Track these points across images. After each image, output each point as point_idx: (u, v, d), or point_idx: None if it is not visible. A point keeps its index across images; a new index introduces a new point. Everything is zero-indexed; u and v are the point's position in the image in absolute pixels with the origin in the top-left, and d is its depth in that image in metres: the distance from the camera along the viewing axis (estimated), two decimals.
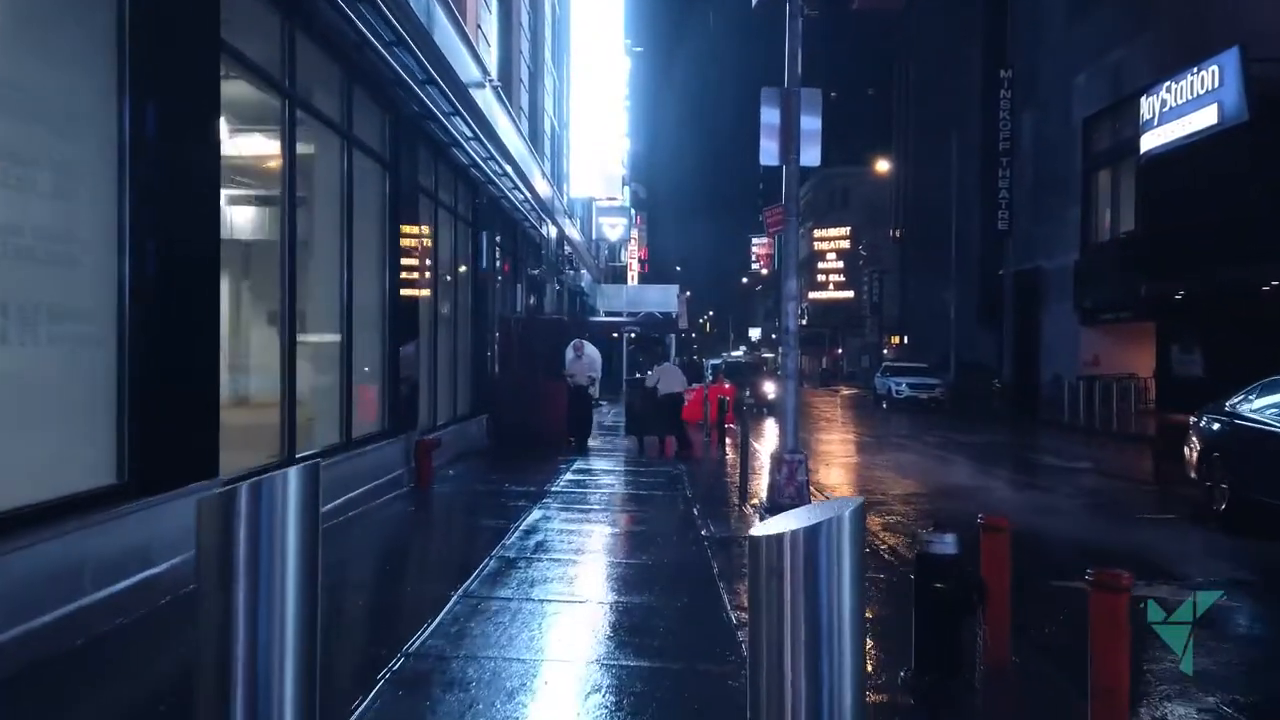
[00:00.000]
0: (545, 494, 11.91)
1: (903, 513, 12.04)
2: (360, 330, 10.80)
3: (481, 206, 17.36)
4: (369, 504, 10.39)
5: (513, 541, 8.83)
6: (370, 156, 11.26)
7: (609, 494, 12.22)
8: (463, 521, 10.58)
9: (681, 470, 14.98)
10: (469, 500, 11.87)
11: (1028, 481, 15.57)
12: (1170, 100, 26.18)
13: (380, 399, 11.78)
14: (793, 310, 11.39)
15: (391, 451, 11.62)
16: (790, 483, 11.14)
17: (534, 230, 23.88)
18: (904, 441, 21.92)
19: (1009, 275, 40.17)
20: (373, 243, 11.62)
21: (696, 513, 10.91)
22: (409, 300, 12.50)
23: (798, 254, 11.34)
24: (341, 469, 9.90)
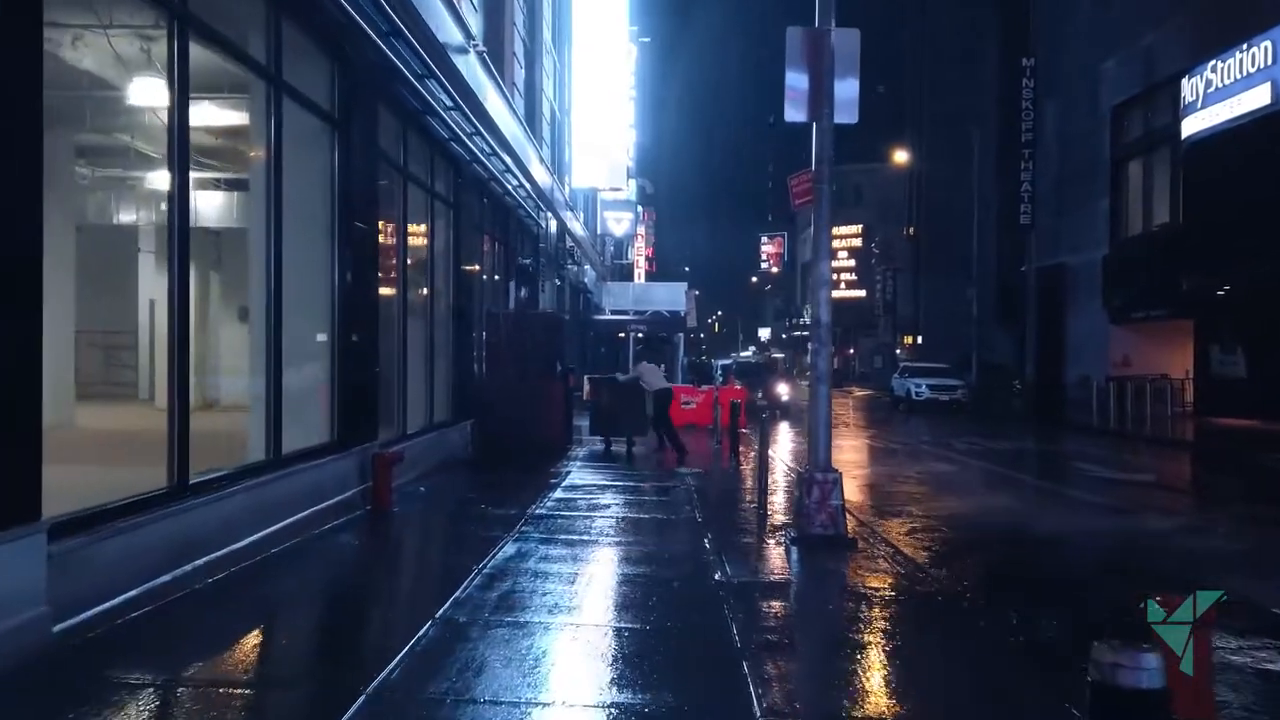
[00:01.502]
0: (526, 519, 9.74)
1: (979, 559, 9.84)
2: (294, 322, 8.65)
3: (465, 187, 15.22)
4: (303, 536, 8.25)
5: (469, 594, 6.66)
6: (310, 110, 9.12)
7: (603, 519, 10.03)
8: (414, 561, 8.41)
9: (690, 485, 12.81)
10: (431, 528, 9.71)
11: (1102, 503, 13.33)
12: (1216, 81, 23.93)
13: (328, 405, 9.63)
14: (825, 298, 9.20)
15: (340, 469, 9.47)
16: (822, 508, 8.96)
17: (530, 220, 21.74)
18: (932, 449, 19.70)
19: (1031, 272, 37.85)
20: (313, 215, 9.48)
21: (709, 545, 8.73)
22: (365, 288, 10.35)
23: (830, 230, 9.17)
24: (264, 494, 7.77)
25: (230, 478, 7.29)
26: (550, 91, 26.02)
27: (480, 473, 13.70)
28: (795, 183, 10.09)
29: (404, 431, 11.98)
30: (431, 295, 13.38)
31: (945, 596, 7.24)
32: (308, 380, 9.36)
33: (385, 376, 11.86)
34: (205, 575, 6.64)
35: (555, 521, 9.69)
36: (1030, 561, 9.19)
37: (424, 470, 12.36)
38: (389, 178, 11.71)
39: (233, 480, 7.30)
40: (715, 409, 19.42)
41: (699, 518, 10.25)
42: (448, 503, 11.03)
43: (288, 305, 8.40)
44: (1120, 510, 12.42)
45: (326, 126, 9.54)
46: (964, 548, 9.63)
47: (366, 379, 10.34)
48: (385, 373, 11.86)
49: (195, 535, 6.64)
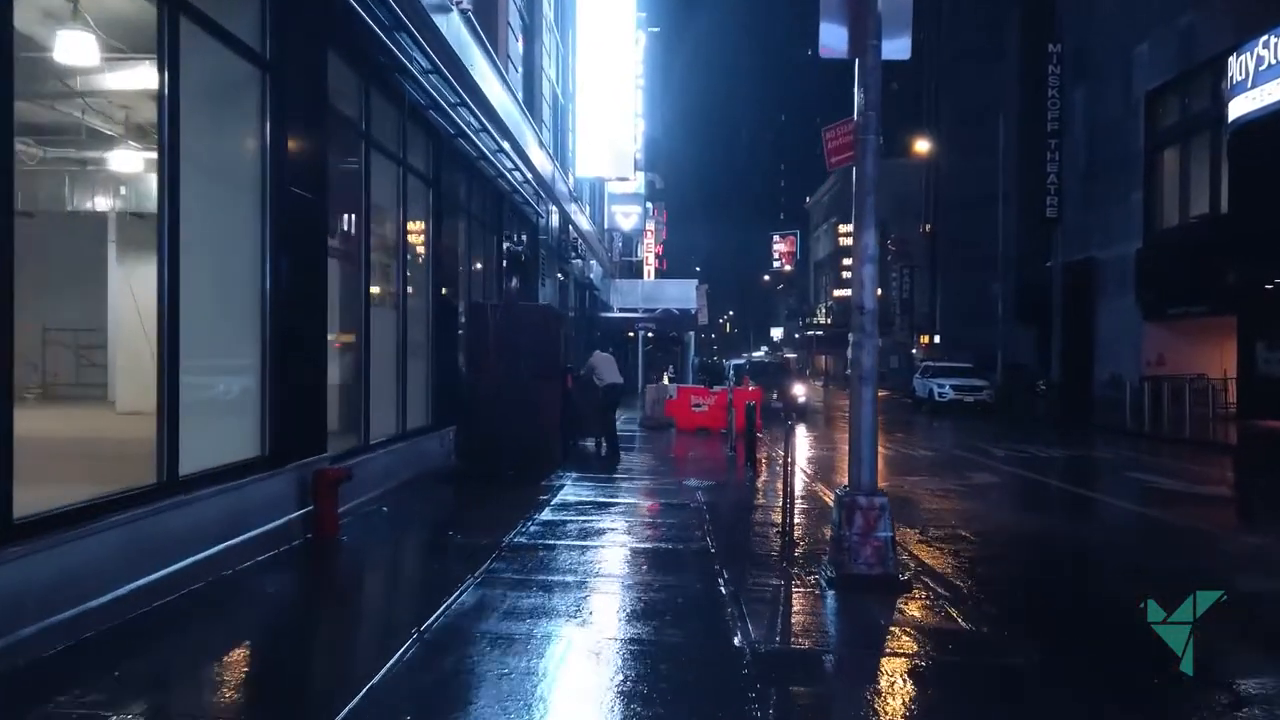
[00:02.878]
0: (501, 552, 7.85)
1: (1076, 610, 7.91)
2: (199, 310, 6.78)
3: (448, 164, 13.33)
4: (206, 580, 6.38)
5: (395, 675, 4.78)
6: (229, 46, 7.24)
7: (594, 551, 8.12)
8: (337, 618, 6.44)
9: (701, 502, 10.90)
10: (378, 566, 7.81)
11: (1186, 524, 11.38)
12: (1269, 57, 21.87)
13: (257, 413, 7.74)
14: (869, 278, 7.26)
15: (271, 491, 7.59)
16: (867, 542, 7.04)
17: (529, 208, 19.84)
18: (968, 456, 17.72)
19: (1058, 267, 35.80)
20: (232, 180, 7.61)
21: (725, 590, 6.82)
22: (309, 271, 8.47)
23: (874, 194, 7.23)
24: (148, 529, 5.91)
25: (81, 513, 5.41)
26: (553, 73, 24.14)
27: (459, 488, 11.83)
28: (831, 136, 8.19)
29: (366, 441, 10.08)
30: (403, 284, 11.48)
31: (1045, 676, 5.31)
32: (223, 383, 7.48)
33: (343, 378, 9.98)
34: (38, 645, 4.79)
35: (535, 556, 7.78)
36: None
37: (393, 485, 10.48)
38: (345, 142, 9.82)
39: (91, 515, 5.43)
40: (730, 412, 17.48)
41: (712, 547, 8.33)
42: (410, 529, 9.14)
43: (189, 289, 6.52)
44: (1212, 534, 10.44)
45: (254, 70, 7.65)
46: (1048, 589, 7.68)
47: (310, 381, 8.45)
48: (342, 373, 9.98)
49: (22, 590, 4.80)
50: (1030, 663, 5.50)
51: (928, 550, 8.78)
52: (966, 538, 9.53)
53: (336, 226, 9.81)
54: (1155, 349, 30.17)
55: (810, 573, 7.39)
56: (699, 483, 12.63)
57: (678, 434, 20.18)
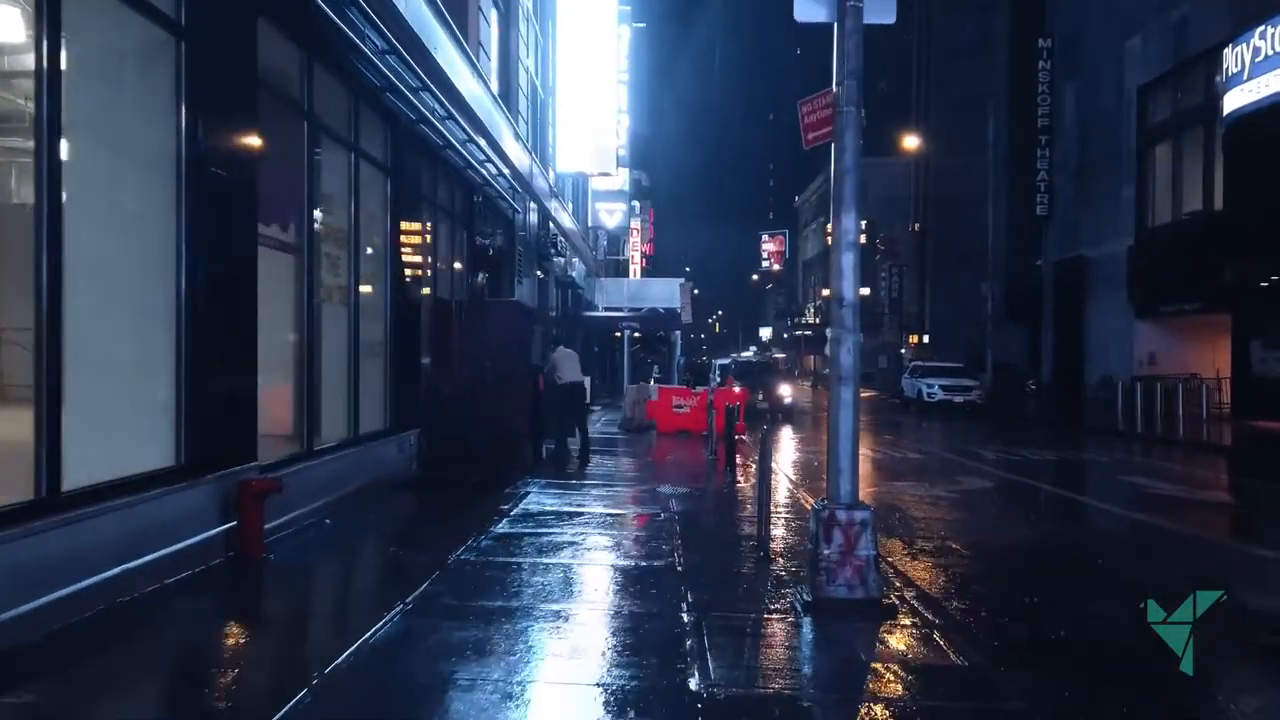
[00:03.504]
0: (444, 572, 7.04)
1: (1082, 640, 7.13)
2: (89, 303, 5.96)
3: (409, 151, 12.51)
4: (102, 606, 5.57)
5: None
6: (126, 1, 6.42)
7: (549, 570, 7.30)
8: (227, 658, 5.56)
9: (674, 512, 10.10)
10: (302, 590, 6.94)
11: (1196, 534, 10.63)
12: (1265, 48, 21.16)
13: (173, 418, 6.92)
14: (849, 267, 6.46)
15: (185, 504, 6.77)
16: (847, 561, 6.26)
17: (504, 202, 19.02)
18: (957, 459, 16.95)
19: (1048, 265, 35.17)
20: (130, 153, 6.78)
21: (689, 617, 6.01)
22: (234, 260, 7.65)
23: (858, 173, 6.44)
24: (27, 550, 5.10)
25: None
26: (531, 65, 23.31)
27: (417, 497, 11.01)
28: (808, 110, 7.31)
29: (308, 447, 9.25)
30: (355, 278, 10.64)
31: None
32: (125, 387, 6.64)
33: (281, 379, 9.16)
34: None
35: (480, 577, 6.97)
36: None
37: (341, 495, 9.66)
38: (283, 123, 8.99)
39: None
40: (710, 413, 16.69)
41: (680, 565, 7.53)
42: (349, 544, 8.30)
43: (78, 282, 5.70)
44: (1220, 547, 9.69)
45: (166, 37, 6.82)
46: (1048, 612, 6.89)
47: (236, 382, 7.63)
48: (281, 374, 9.15)
49: None
50: (1032, 707, 4.72)
51: (915, 566, 8.00)
52: (957, 551, 8.74)
53: (273, 214, 8.98)
54: (1147, 348, 29.51)
55: (785, 595, 6.59)
56: (674, 489, 11.83)
57: (658, 436, 19.38)
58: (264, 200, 8.34)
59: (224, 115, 7.41)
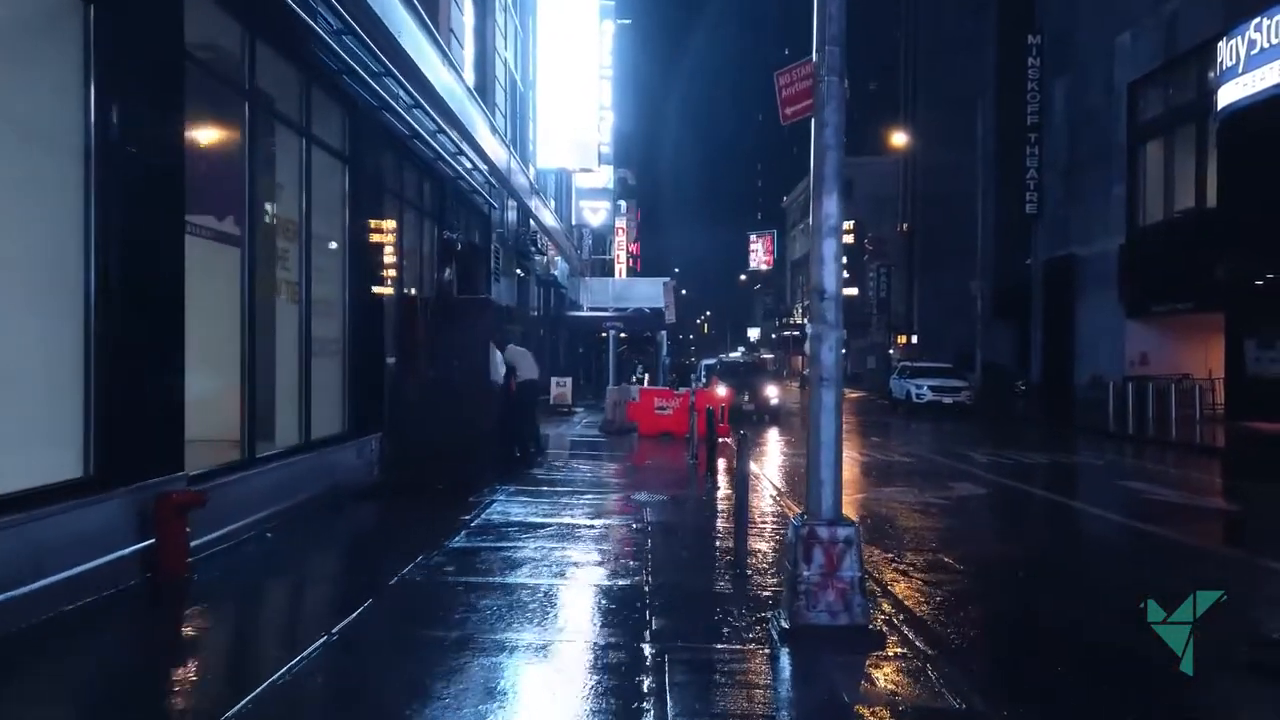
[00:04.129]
0: (384, 595, 6.32)
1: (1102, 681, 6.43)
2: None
3: (370, 140, 11.78)
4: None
5: None
6: None
7: (499, 593, 6.57)
8: (108, 708, 4.85)
9: (648, 522, 9.40)
10: (216, 617, 6.13)
11: (1210, 549, 9.98)
12: (1261, 40, 20.57)
13: (76, 425, 6.18)
14: (831, 255, 5.76)
15: (92, 521, 6.03)
16: (829, 584, 5.58)
17: (479, 197, 18.32)
18: (948, 462, 16.28)
19: (1037, 264, 34.57)
20: (22, 131, 6.04)
21: (649, 650, 5.30)
22: (155, 250, 6.91)
23: (841, 151, 5.74)
24: None
25: None
26: (510, 58, 22.60)
27: (374, 506, 10.28)
28: (786, 81, 6.67)
29: (250, 454, 8.51)
30: (307, 273, 9.90)
31: None
32: (22, 388, 5.90)
33: (220, 381, 8.42)
34: None
35: (423, 602, 6.25)
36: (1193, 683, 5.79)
37: (289, 504, 8.92)
38: (218, 102, 8.26)
39: None
40: (691, 415, 15.99)
41: (648, 584, 6.82)
42: (287, 561, 7.55)
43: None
44: (1231, 560, 9.04)
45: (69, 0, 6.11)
46: (1052, 638, 6.21)
47: (158, 386, 6.89)
48: (219, 376, 8.42)
49: None
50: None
51: (905, 584, 7.31)
52: (950, 566, 8.06)
53: (208, 203, 8.25)
54: (1138, 348, 28.93)
55: (761, 621, 5.90)
56: (650, 497, 11.13)
57: (640, 439, 18.67)
58: (197, 187, 7.62)
59: (144, 92, 6.67)
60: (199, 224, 7.89)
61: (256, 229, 8.70)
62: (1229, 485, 14.56)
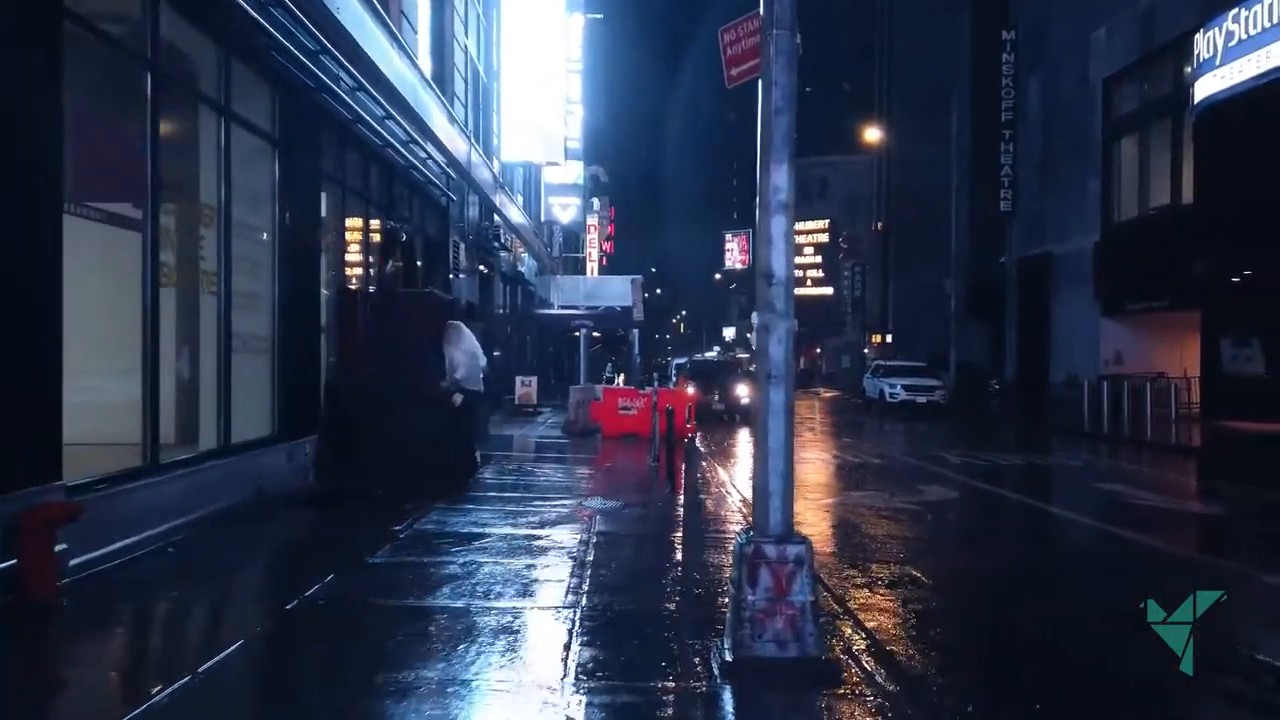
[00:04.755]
0: (271, 625, 5.54)
1: None
2: None
3: (305, 123, 10.94)
4: None
5: None
6: None
7: (410, 620, 5.81)
8: None
9: (597, 533, 8.63)
10: (68, 657, 5.27)
11: (1194, 557, 9.31)
12: (1239, 32, 20.00)
13: None
14: (781, 233, 5.02)
15: None
16: (777, 610, 4.86)
17: (435, 189, 17.51)
18: (920, 464, 15.61)
19: (1012, 262, 34.00)
20: None
21: (570, 691, 4.54)
22: (27, 232, 6.09)
23: (793, 112, 5.01)
24: None
25: None
26: (472, 47, 21.77)
27: (299, 515, 9.44)
28: (731, 39, 5.96)
29: (152, 459, 7.68)
30: (227, 262, 9.07)
31: None
32: None
33: (115, 379, 7.60)
34: None
35: (316, 631, 5.47)
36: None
37: (205, 514, 8.11)
38: (111, 70, 7.44)
39: None
40: (654, 416, 15.24)
41: (581, 607, 6.05)
42: (178, 581, 6.69)
43: None
44: (1224, 572, 8.37)
45: None
46: (1035, 667, 5.51)
47: (30, 384, 6.07)
48: (115, 373, 7.59)
49: None
50: None
51: (868, 603, 6.59)
52: (919, 581, 7.34)
53: (99, 181, 7.43)
54: (1113, 346, 28.44)
55: (702, 652, 5.15)
56: (604, 504, 10.37)
57: (603, 441, 17.89)
58: (84, 166, 6.81)
59: (9, 58, 5.85)
60: (88, 205, 7.07)
61: (161, 213, 7.87)
62: (1207, 487, 13.97)
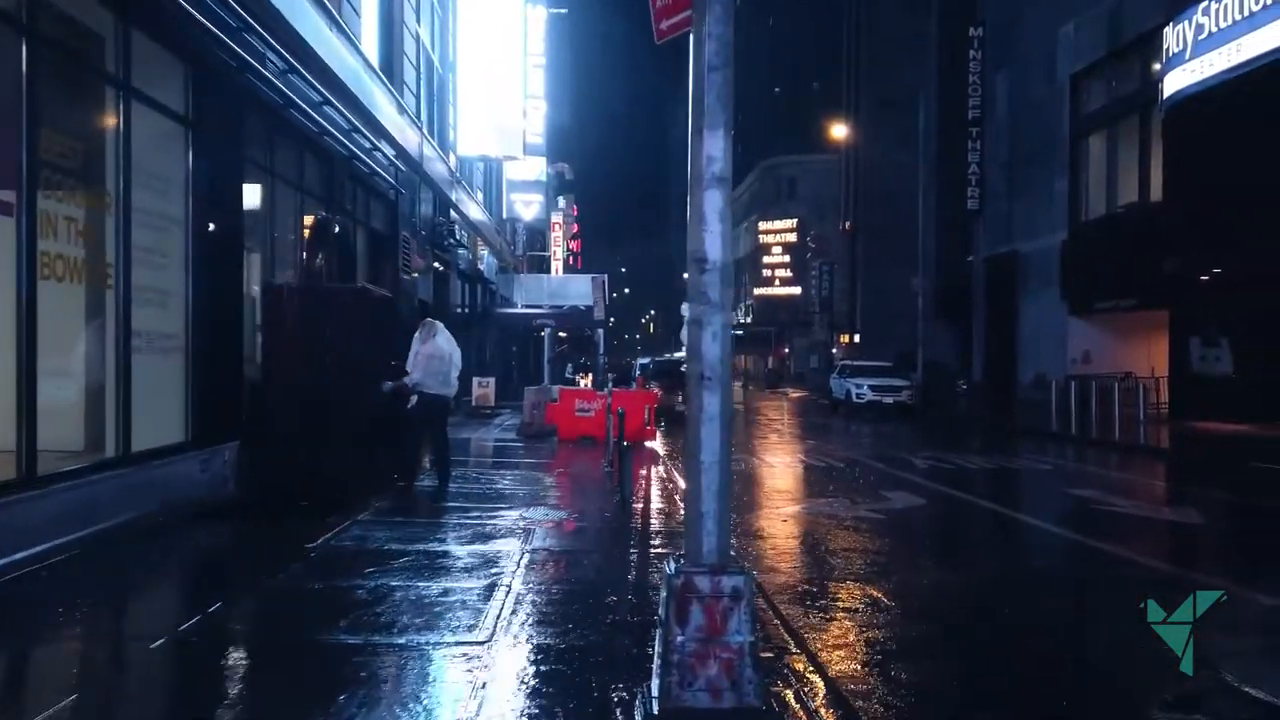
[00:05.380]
0: (121, 669, 4.74)
1: None
2: None
3: (222, 103, 10.06)
4: None
5: None
6: None
7: (305, 654, 5.02)
8: None
9: (533, 551, 7.86)
10: None
11: (1180, 573, 8.66)
12: (1209, 25, 19.57)
13: None
14: (715, 210, 4.26)
15: None
16: (711, 651, 4.14)
17: (381, 179, 16.63)
18: (885, 468, 14.93)
19: (979, 261, 33.54)
20: None
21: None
22: None
23: (730, 64, 4.25)
24: None
25: None
26: (427, 37, 20.90)
27: (205, 531, 8.54)
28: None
29: (30, 471, 6.82)
30: (125, 252, 8.21)
31: None
32: None
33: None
34: None
35: (173, 673, 4.67)
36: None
37: (99, 530, 7.26)
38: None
39: None
40: (609, 419, 14.49)
41: (495, 643, 5.27)
42: (30, 614, 5.81)
43: None
44: (1212, 590, 7.72)
45: None
46: (1010, 711, 4.80)
47: None
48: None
49: None
50: None
51: (823, 633, 5.86)
52: (882, 604, 6.62)
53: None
54: (1081, 346, 28.03)
55: (625, 702, 4.39)
56: (547, 514, 9.61)
57: (559, 444, 17.11)
58: None
59: None
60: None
61: (39, 197, 7.01)
62: (1181, 492, 13.39)
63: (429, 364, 11.25)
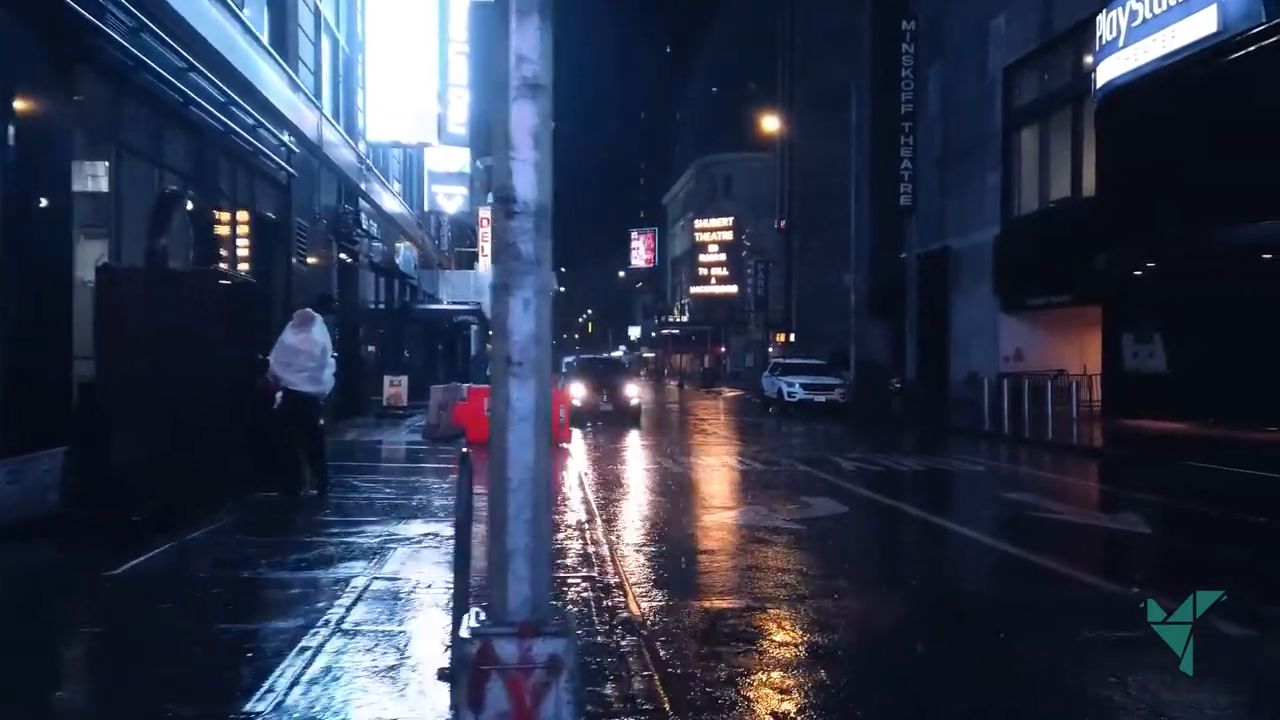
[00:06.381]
0: None
1: None
2: None
3: (41, 55, 8.63)
4: None
5: None
6: None
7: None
8: None
9: (379, 578, 6.61)
10: None
11: (1129, 594, 7.66)
12: (1143, 11, 18.86)
13: None
14: (530, 129, 3.05)
15: None
16: None
17: (267, 160, 15.15)
18: (811, 471, 13.86)
19: (912, 258, 32.84)
20: None
21: None
22: None
23: None
24: None
25: None
26: (328, 13, 19.42)
27: (19, 550, 7.19)
28: None
29: None
30: None
31: None
32: None
33: None
34: None
35: None
36: None
37: None
38: None
39: None
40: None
41: (267, 714, 4.03)
42: None
43: None
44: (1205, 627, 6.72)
45: None
46: None
47: None
48: None
49: None
50: None
51: (706, 683, 4.69)
52: (784, 641, 5.47)
53: None
54: (1013, 343, 27.37)
55: None
56: (422, 529, 8.38)
57: (466, 446, 15.79)
58: None
59: None
60: None
61: None
62: (1118, 496, 12.55)
63: (295, 358, 9.94)
